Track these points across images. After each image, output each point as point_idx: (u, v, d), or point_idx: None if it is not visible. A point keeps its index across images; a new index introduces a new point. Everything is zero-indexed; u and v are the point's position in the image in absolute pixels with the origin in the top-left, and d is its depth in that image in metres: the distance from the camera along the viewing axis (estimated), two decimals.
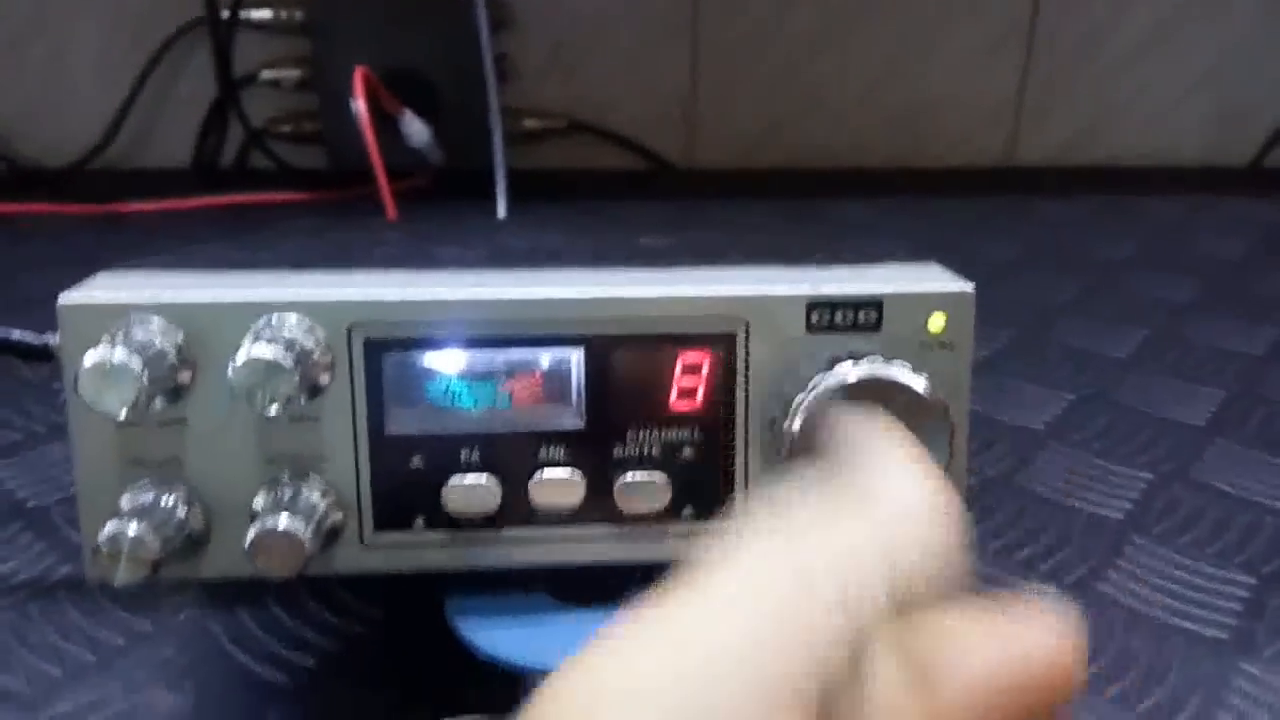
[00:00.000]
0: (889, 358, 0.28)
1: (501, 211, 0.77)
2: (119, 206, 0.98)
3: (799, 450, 0.27)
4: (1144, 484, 0.54)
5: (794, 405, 0.28)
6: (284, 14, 1.06)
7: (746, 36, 1.17)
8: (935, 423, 0.28)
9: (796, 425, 0.28)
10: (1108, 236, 1.00)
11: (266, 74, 1.07)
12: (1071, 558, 0.48)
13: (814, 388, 0.28)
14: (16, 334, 0.41)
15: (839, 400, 0.27)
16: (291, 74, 1.06)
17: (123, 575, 0.26)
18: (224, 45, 1.08)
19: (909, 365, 0.28)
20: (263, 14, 1.06)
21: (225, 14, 1.07)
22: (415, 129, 0.91)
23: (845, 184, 1.16)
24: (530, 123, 1.12)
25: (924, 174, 1.20)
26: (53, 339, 0.38)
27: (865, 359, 0.28)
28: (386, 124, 0.92)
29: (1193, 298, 0.83)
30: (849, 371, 0.27)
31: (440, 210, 0.96)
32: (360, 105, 0.74)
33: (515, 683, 0.33)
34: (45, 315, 0.34)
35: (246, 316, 0.28)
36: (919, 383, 0.27)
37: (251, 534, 0.27)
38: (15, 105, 1.13)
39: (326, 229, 0.54)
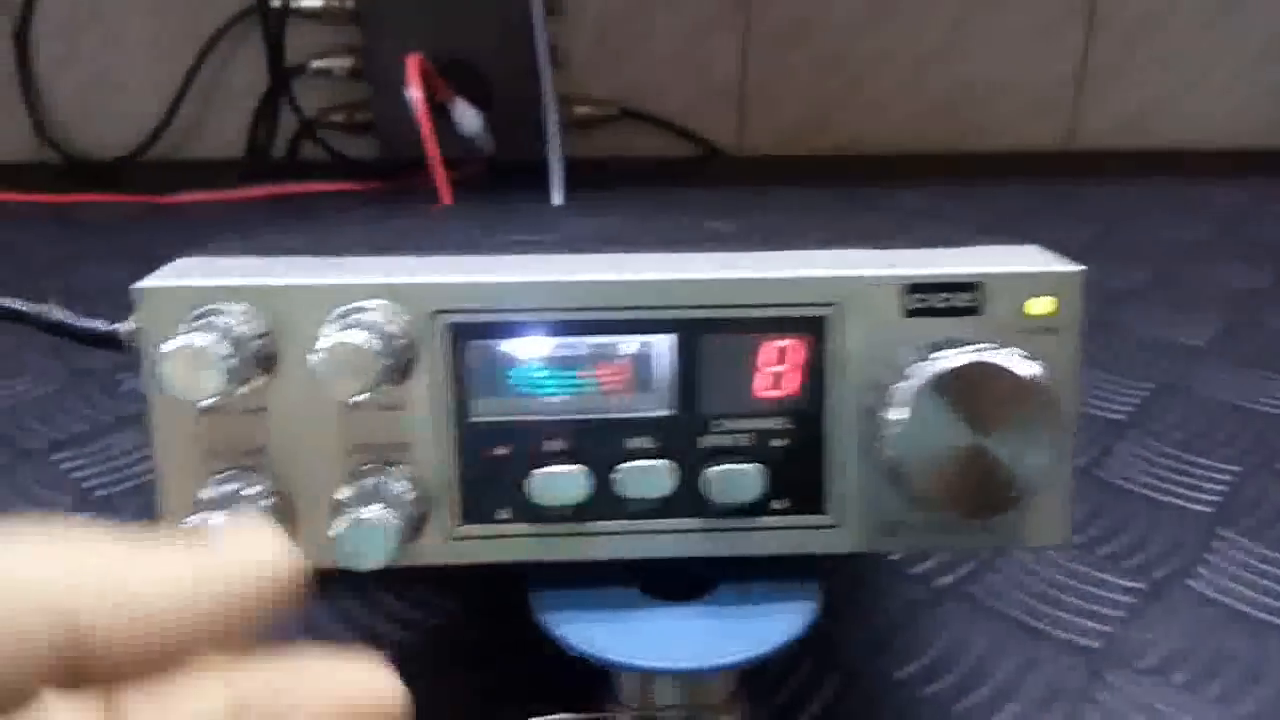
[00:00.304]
0: (992, 344, 0.27)
1: (558, 198, 0.76)
2: (174, 198, 0.98)
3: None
4: (1230, 476, 0.52)
5: (891, 394, 0.27)
6: (335, 2, 1.05)
7: (796, 18, 1.16)
8: (1044, 415, 0.27)
9: (895, 415, 0.26)
10: (1173, 222, 0.98)
11: (317, 63, 1.06)
12: (1159, 553, 0.46)
13: (913, 375, 0.26)
14: (84, 321, 0.41)
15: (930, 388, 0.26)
16: (343, 63, 1.06)
17: None
18: (275, 35, 1.08)
19: (1019, 352, 0.26)
20: (314, 3, 1.06)
21: (276, 3, 1.07)
22: (467, 117, 0.90)
23: (899, 169, 1.14)
24: (581, 110, 1.11)
25: (980, 158, 1.18)
26: (121, 327, 0.37)
27: (970, 345, 0.27)
28: (438, 112, 0.91)
29: (1267, 283, 0.80)
30: (952, 358, 0.26)
31: (494, 198, 0.96)
32: (414, 92, 0.74)
33: (601, 680, 0.32)
34: (102, 304, 0.34)
35: (330, 301, 0.27)
36: (1032, 371, 0.26)
37: (340, 525, 0.26)
38: (68, 98, 1.14)
39: (386, 217, 0.53)
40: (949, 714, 0.38)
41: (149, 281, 0.27)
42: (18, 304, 0.42)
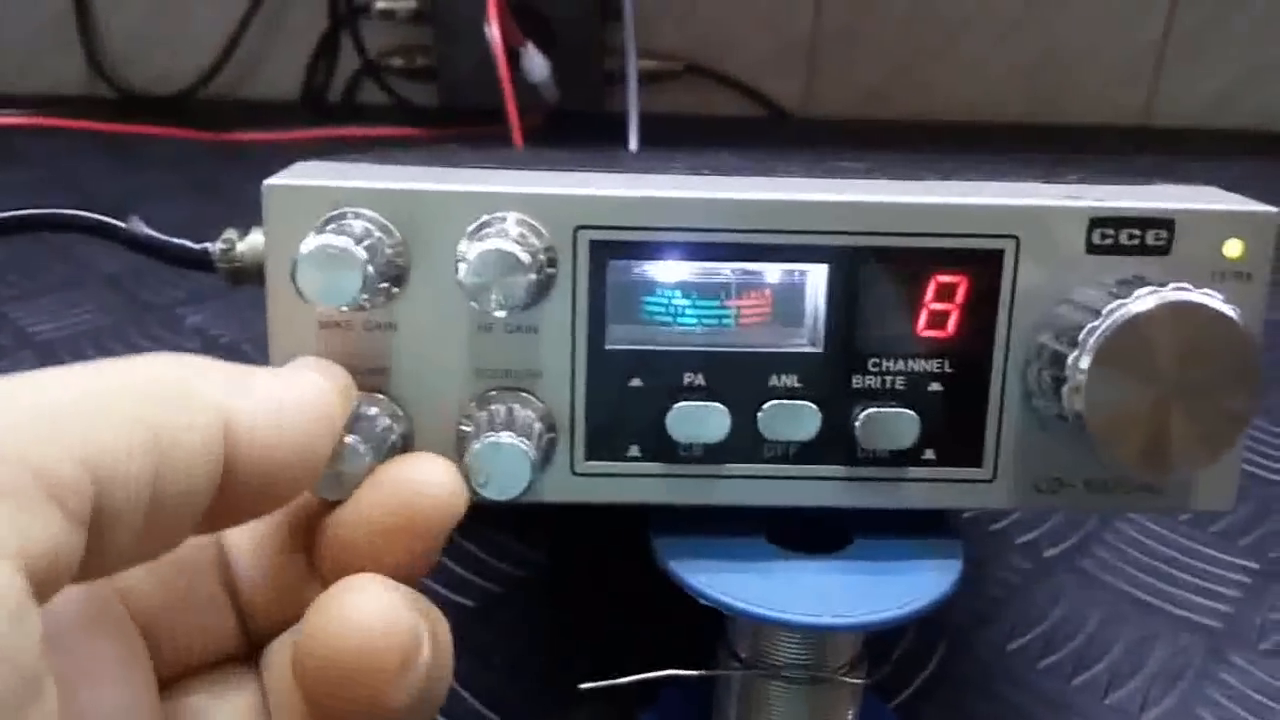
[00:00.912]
0: (1188, 285, 0.25)
1: (633, 144, 0.74)
2: (233, 135, 0.96)
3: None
4: None
5: (1085, 338, 0.24)
6: None
7: None
8: (1245, 366, 0.24)
9: (1085, 360, 0.24)
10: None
11: (381, 4, 1.04)
12: (1273, 532, 0.44)
13: (1110, 313, 0.24)
14: (174, 239, 0.39)
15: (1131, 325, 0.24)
16: (407, 5, 1.03)
17: (336, 490, 0.23)
18: None
19: (1218, 295, 0.24)
20: None
21: None
22: (536, 64, 0.87)
23: (970, 139, 1.10)
24: (646, 64, 1.08)
25: (1057, 130, 1.14)
26: (212, 246, 0.35)
27: (1166, 285, 0.24)
28: (508, 57, 0.88)
29: None
30: (1155, 297, 0.24)
31: (565, 147, 0.93)
32: (494, 31, 0.71)
33: (714, 636, 0.30)
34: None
35: (469, 210, 0.25)
36: (1237, 317, 0.24)
37: (474, 451, 0.24)
38: (124, 33, 1.12)
39: (471, 154, 0.51)
40: (1068, 688, 0.36)
41: (281, 179, 0.25)
42: (105, 218, 0.40)
